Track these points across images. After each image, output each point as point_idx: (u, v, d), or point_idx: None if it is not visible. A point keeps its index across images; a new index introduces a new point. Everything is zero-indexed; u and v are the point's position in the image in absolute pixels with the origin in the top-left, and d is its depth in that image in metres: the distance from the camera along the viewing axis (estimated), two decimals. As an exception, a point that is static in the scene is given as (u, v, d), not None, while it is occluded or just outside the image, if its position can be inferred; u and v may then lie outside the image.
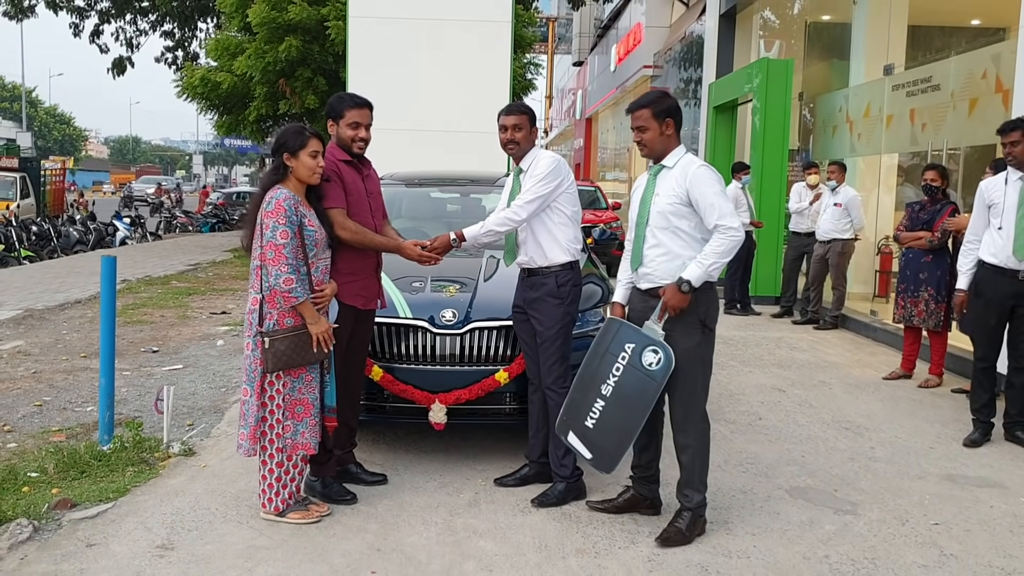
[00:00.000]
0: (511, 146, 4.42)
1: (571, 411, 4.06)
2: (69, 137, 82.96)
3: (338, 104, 4.29)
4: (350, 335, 4.23)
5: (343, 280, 4.14)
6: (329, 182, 4.10)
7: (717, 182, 3.78)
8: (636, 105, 3.95)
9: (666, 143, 3.90)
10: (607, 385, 3.90)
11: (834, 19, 13.31)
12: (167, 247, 18.97)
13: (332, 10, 14.66)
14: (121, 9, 23.79)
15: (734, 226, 3.70)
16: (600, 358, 3.96)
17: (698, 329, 3.82)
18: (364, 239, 4.17)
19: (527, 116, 4.42)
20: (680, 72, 20.71)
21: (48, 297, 10.71)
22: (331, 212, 4.08)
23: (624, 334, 3.90)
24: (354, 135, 4.25)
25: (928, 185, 7.05)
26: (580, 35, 37.22)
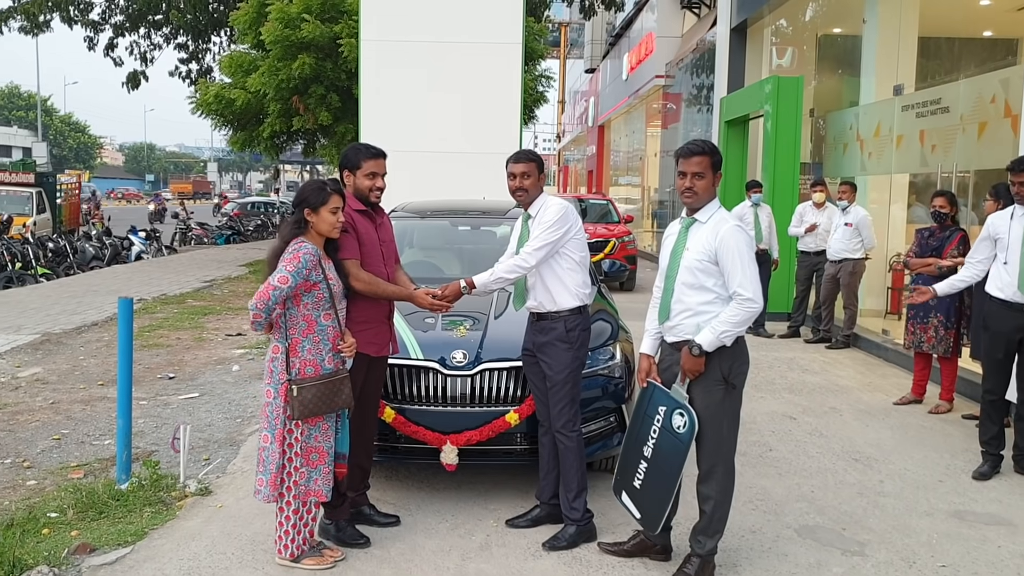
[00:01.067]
0: (520, 193, 4.48)
1: (622, 472, 4.19)
2: (84, 145, 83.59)
3: (354, 155, 4.36)
4: (363, 381, 4.30)
5: (357, 328, 4.22)
6: (346, 233, 4.17)
7: (746, 245, 3.74)
8: (695, 150, 3.87)
9: (708, 195, 3.88)
10: (648, 447, 4.02)
11: (845, 32, 13.32)
12: (182, 261, 19.13)
13: (345, 28, 14.77)
14: (135, 23, 24.03)
15: (752, 297, 3.69)
16: (640, 420, 4.08)
17: (720, 386, 3.80)
18: (376, 289, 4.25)
19: (535, 164, 4.49)
20: (692, 79, 20.76)
21: (65, 319, 10.84)
22: (345, 263, 4.15)
23: (657, 397, 3.99)
24: (371, 185, 4.32)
25: (937, 212, 7.08)
26: (592, 42, 37.27)
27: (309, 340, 3.97)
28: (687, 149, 3.92)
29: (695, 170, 3.84)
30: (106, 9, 24.25)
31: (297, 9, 15.08)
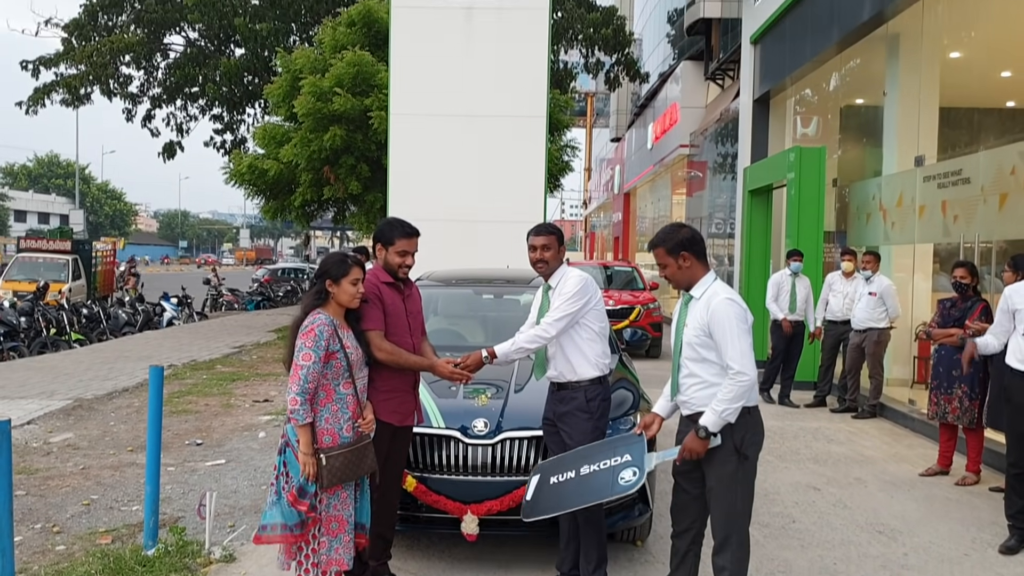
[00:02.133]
0: (540, 265, 4.60)
1: (555, 463, 4.24)
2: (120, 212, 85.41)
3: (389, 232, 4.48)
4: (387, 451, 4.38)
5: (381, 397, 4.31)
6: (368, 303, 4.28)
7: (736, 318, 3.78)
8: (651, 244, 4.08)
9: (688, 275, 3.95)
10: (588, 467, 4.06)
11: (867, 103, 13.48)
12: (213, 327, 19.40)
13: (375, 101, 15.15)
14: (172, 95, 24.80)
15: (744, 371, 3.72)
16: (605, 447, 4.14)
17: (733, 457, 3.82)
18: (399, 359, 4.35)
19: (555, 236, 4.61)
20: (717, 148, 21.01)
21: (97, 385, 11.03)
22: (368, 334, 4.26)
23: (636, 446, 4.03)
24: (401, 262, 4.46)
25: (958, 282, 7.11)
26: (618, 112, 37.82)
27: (327, 410, 4.06)
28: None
29: (657, 262, 4.03)
30: (145, 82, 25.10)
31: (329, 83, 15.50)
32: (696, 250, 3.96)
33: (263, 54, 22.32)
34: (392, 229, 4.49)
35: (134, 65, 24.30)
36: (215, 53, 23.97)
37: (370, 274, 4.41)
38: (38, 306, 16.08)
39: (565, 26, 23.00)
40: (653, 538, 5.45)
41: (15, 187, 78.85)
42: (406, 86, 11.35)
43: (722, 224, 20.66)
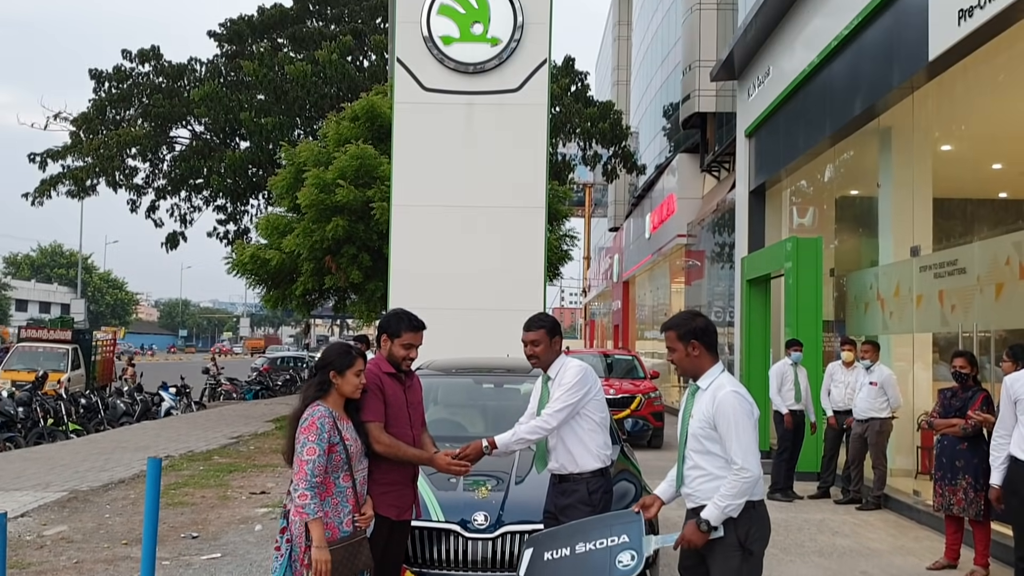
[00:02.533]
0: (533, 360, 4.64)
1: (549, 537, 4.15)
2: (121, 301, 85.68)
3: (396, 324, 4.47)
4: (385, 545, 4.32)
5: (379, 490, 4.27)
6: (368, 394, 4.27)
7: (742, 413, 3.75)
8: (664, 327, 4.10)
9: (695, 363, 3.94)
10: (584, 545, 3.97)
11: (862, 194, 13.70)
12: (211, 417, 19.28)
13: (377, 192, 15.38)
14: (177, 187, 25.22)
15: (747, 467, 3.68)
16: (601, 524, 4.07)
17: (737, 552, 3.75)
18: (398, 452, 4.31)
19: (544, 330, 4.62)
20: (714, 237, 21.23)
21: (93, 476, 10.91)
22: (368, 426, 4.25)
23: (634, 526, 3.95)
24: (405, 355, 4.45)
25: (957, 372, 7.12)
26: (615, 202, 38.40)
27: (327, 503, 4.02)
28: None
29: (667, 344, 4.02)
30: (150, 174, 25.57)
31: (332, 175, 15.76)
32: (707, 340, 3.95)
33: (268, 147, 22.80)
34: (399, 321, 4.48)
35: (140, 158, 24.81)
36: (220, 146, 24.48)
37: (372, 364, 4.41)
38: (36, 396, 16.02)
39: (563, 120, 23.55)
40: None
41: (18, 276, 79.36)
42: (408, 178, 11.59)
43: (721, 312, 20.74)
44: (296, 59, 23.41)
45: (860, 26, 10.84)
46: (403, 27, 11.79)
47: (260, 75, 22.49)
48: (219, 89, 23.04)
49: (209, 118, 23.34)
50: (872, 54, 10.70)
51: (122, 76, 24.10)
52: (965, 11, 8.06)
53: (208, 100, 22.59)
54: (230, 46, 25.57)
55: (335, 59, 22.35)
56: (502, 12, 11.50)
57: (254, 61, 23.00)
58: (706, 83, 21.02)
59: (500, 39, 11.49)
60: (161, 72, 24.42)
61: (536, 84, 11.55)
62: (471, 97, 11.54)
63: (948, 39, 8.43)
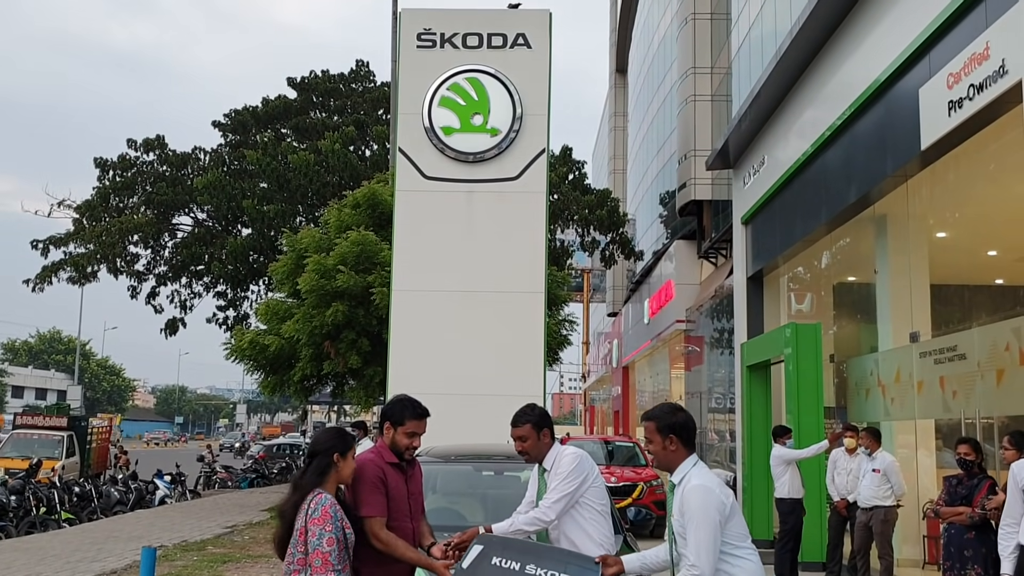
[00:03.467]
0: (524, 455, 4.63)
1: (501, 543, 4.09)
2: (118, 388, 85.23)
3: (400, 411, 4.34)
4: None
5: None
6: (368, 485, 4.13)
7: (700, 508, 3.72)
8: (645, 416, 4.10)
9: (671, 457, 3.94)
10: (535, 569, 3.93)
11: (859, 280, 13.80)
12: (205, 506, 18.98)
13: (377, 278, 15.47)
14: (178, 273, 25.36)
15: (699, 565, 3.67)
16: (558, 556, 4.06)
17: None
18: (395, 552, 4.12)
19: (530, 425, 4.60)
20: (713, 323, 21.28)
21: (84, 567, 10.69)
22: (370, 522, 4.09)
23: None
24: (408, 444, 4.32)
25: (962, 459, 7.06)
26: (614, 288, 38.60)
27: None
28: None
29: (645, 435, 4.03)
30: (151, 260, 25.74)
31: (333, 261, 15.87)
32: (684, 436, 3.95)
33: (269, 234, 23.01)
34: (404, 409, 4.35)
35: (142, 244, 25.01)
36: (222, 233, 24.71)
37: (373, 453, 4.30)
38: (29, 484, 15.78)
39: (561, 207, 23.86)
40: None
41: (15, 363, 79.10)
42: (408, 263, 11.67)
43: (721, 399, 20.66)
44: (299, 148, 23.81)
45: (853, 116, 11.09)
46: (405, 118, 12.04)
47: (263, 164, 22.85)
48: (222, 177, 23.38)
49: (212, 205, 23.63)
50: (865, 143, 10.91)
51: (126, 164, 24.48)
52: (954, 103, 8.27)
53: (211, 188, 22.89)
54: (234, 136, 26.07)
55: (337, 148, 22.74)
56: (501, 104, 11.76)
57: (257, 150, 23.39)
58: (702, 171, 21.36)
59: (500, 130, 11.72)
60: (165, 160, 24.81)
61: (535, 172, 11.74)
62: (471, 185, 11.71)
63: (939, 129, 8.61)
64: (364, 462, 4.19)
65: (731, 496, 3.88)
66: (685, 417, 4.01)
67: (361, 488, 4.11)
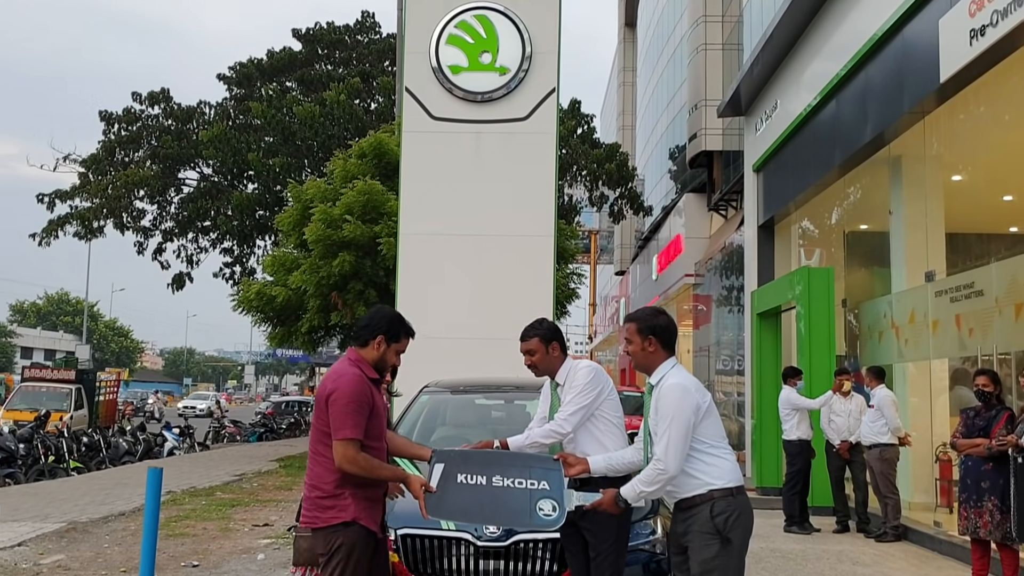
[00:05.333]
0: (532, 369, 4.51)
1: (460, 457, 4.01)
2: (126, 349, 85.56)
3: (397, 327, 4.07)
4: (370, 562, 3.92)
5: (365, 505, 3.86)
6: (350, 405, 3.78)
7: (675, 406, 3.69)
8: (627, 318, 4.04)
9: (649, 359, 3.92)
10: (501, 480, 3.90)
11: (872, 228, 13.60)
12: (214, 457, 19.02)
13: (384, 228, 15.31)
14: (184, 229, 25.26)
15: (664, 462, 3.67)
16: (520, 462, 4.00)
17: (715, 540, 3.68)
18: (372, 473, 3.82)
19: (537, 338, 4.46)
20: (722, 280, 21.10)
21: (93, 509, 10.68)
22: (346, 444, 3.73)
23: (554, 476, 3.94)
24: (397, 363, 4.14)
25: (980, 391, 6.93)
26: (621, 246, 38.39)
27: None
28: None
29: (624, 336, 4.05)
30: (157, 216, 25.64)
31: (339, 211, 15.72)
32: (664, 338, 3.93)
33: (275, 188, 22.86)
34: (400, 325, 4.10)
35: (148, 199, 24.88)
36: (228, 187, 24.55)
37: (356, 367, 3.91)
38: (37, 434, 15.81)
39: (570, 161, 23.61)
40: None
41: (23, 324, 79.37)
42: (416, 206, 11.50)
43: (729, 361, 20.48)
44: (304, 101, 23.56)
45: (869, 53, 10.84)
46: (412, 57, 11.81)
47: (268, 116, 22.63)
48: (227, 131, 23.17)
49: (217, 160, 23.46)
50: (882, 80, 10.67)
51: (131, 118, 24.29)
52: (976, 31, 8.04)
53: (216, 142, 22.70)
54: (239, 89, 25.81)
55: (343, 100, 22.48)
56: (510, 42, 11.52)
57: (262, 103, 23.16)
58: (712, 121, 21.07)
59: (508, 68, 11.49)
60: (170, 114, 24.60)
61: (544, 113, 11.52)
62: (479, 126, 11.51)
63: (960, 60, 8.39)
64: (351, 378, 3.84)
65: (708, 398, 3.85)
66: (667, 320, 3.98)
67: (345, 407, 3.76)
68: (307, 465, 3.92)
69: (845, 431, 10.03)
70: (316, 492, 3.81)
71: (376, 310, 4.20)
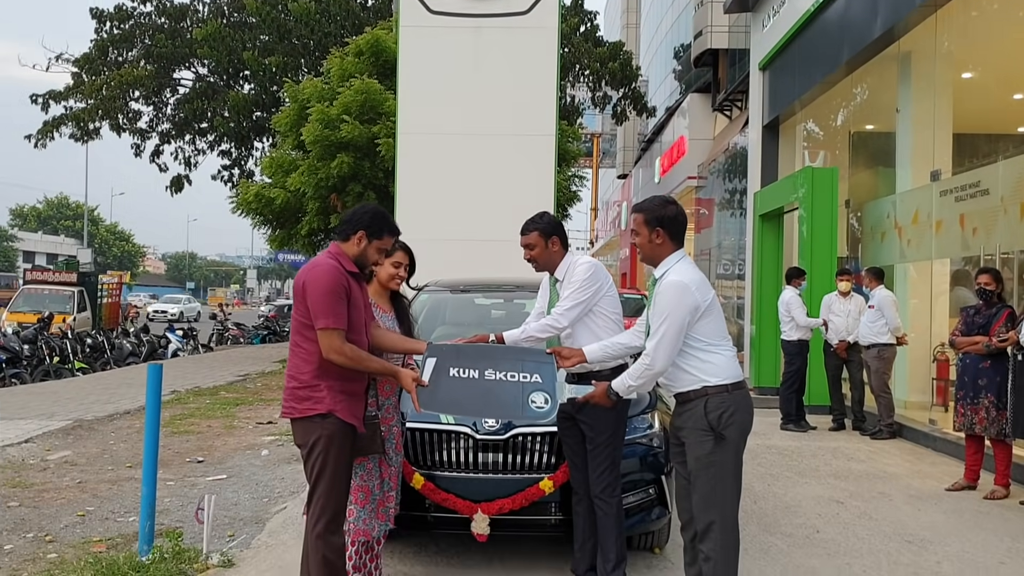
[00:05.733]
0: (532, 263, 4.46)
1: (453, 351, 3.98)
2: (128, 253, 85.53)
3: (380, 224, 3.89)
4: None
5: (340, 397, 3.77)
6: (328, 295, 3.68)
7: (672, 303, 3.62)
8: (634, 208, 3.92)
9: (656, 251, 3.82)
10: (494, 373, 3.89)
11: (877, 128, 13.38)
12: (218, 358, 19.21)
13: (383, 128, 15.09)
14: (181, 130, 24.89)
15: (654, 360, 3.65)
16: (512, 355, 3.98)
17: (709, 436, 3.65)
18: (359, 364, 3.73)
19: (537, 232, 4.39)
20: (724, 183, 20.90)
21: (98, 408, 10.82)
22: (330, 334, 3.65)
23: (546, 370, 3.93)
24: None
25: (982, 289, 6.89)
26: (624, 149, 37.96)
27: None
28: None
29: (632, 227, 3.89)
30: (153, 118, 25.22)
31: (337, 111, 15.46)
32: (672, 230, 3.81)
33: (272, 88, 22.42)
34: (383, 221, 3.90)
35: (143, 100, 24.45)
36: (224, 87, 24.10)
37: (331, 258, 3.81)
38: (42, 335, 15.92)
39: (573, 60, 23.08)
40: (672, 546, 5.19)
41: (24, 228, 79.16)
42: (414, 104, 11.24)
43: (730, 265, 20.43)
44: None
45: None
46: (409, -54, 11.39)
47: (263, 13, 22.03)
48: (222, 29, 22.60)
49: (212, 59, 22.94)
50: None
51: (123, 15, 23.64)
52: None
53: (211, 40, 22.17)
54: (233, -16, 25.04)
55: (339, -6, 21.87)
56: (511, -70, 11.08)
57: (256, 0, 22.53)
58: (719, 18, 20.54)
59: (509, -41, 11.08)
60: (163, 12, 23.94)
61: (546, 7, 11.13)
62: (478, 20, 11.15)
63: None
64: (326, 268, 3.73)
65: (710, 295, 3.76)
66: (676, 211, 3.86)
67: (321, 296, 3.66)
68: (288, 358, 3.89)
69: (843, 331, 10.06)
70: (293, 383, 3.76)
71: (360, 205, 4.06)
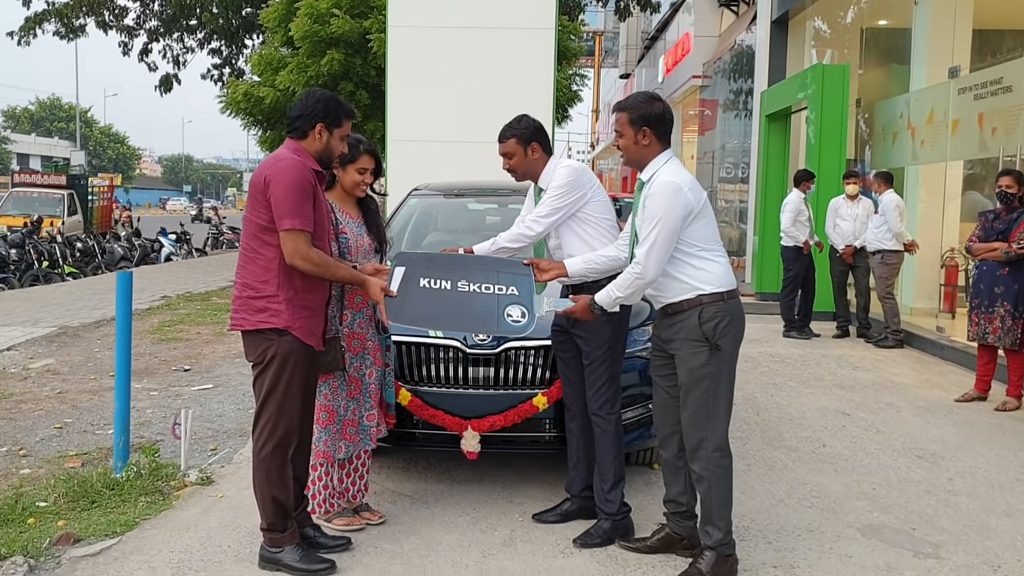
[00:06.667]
0: (512, 173, 4.11)
1: (423, 260, 3.80)
2: (123, 156, 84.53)
3: (338, 110, 3.58)
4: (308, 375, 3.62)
5: (301, 313, 3.50)
6: (294, 193, 3.38)
7: (663, 205, 3.37)
8: (616, 106, 3.61)
9: (642, 153, 3.55)
10: (467, 285, 3.65)
11: (892, 24, 12.76)
12: (211, 263, 18.92)
13: (374, 23, 14.46)
14: (169, 28, 24.03)
15: (645, 268, 3.41)
16: (486, 265, 3.74)
17: (703, 347, 3.44)
18: (326, 272, 3.47)
19: (514, 139, 4.01)
20: (730, 83, 20.22)
21: (85, 314, 10.56)
22: (295, 236, 3.37)
23: (524, 282, 3.69)
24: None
25: (1004, 192, 6.52)
26: (627, 47, 36.88)
27: None
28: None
29: (615, 128, 3.61)
30: (140, 14, 24.31)
31: (326, 5, 14.80)
32: (659, 130, 3.52)
33: (260, -18, 21.54)
34: (339, 107, 3.58)
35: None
36: (212, -19, 23.16)
37: (297, 155, 3.49)
38: (30, 239, 15.56)
39: (574, -50, 22.11)
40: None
41: (17, 130, 77.94)
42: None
43: (732, 169, 19.91)
44: None
45: None
46: None
47: (248, -100, 21.02)
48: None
49: (199, -50, 21.99)
50: None
51: (105, -96, 22.56)
52: None
53: (196, -71, 21.21)
54: None
55: None
56: None
57: None
58: (728, -95, 19.53)
59: None
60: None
61: None
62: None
63: None
64: (292, 163, 3.43)
65: (702, 197, 3.50)
66: (662, 108, 3.54)
67: (286, 194, 3.36)
68: (237, 264, 3.55)
69: (850, 236, 9.72)
70: (248, 292, 3.45)
71: (306, 93, 3.62)
